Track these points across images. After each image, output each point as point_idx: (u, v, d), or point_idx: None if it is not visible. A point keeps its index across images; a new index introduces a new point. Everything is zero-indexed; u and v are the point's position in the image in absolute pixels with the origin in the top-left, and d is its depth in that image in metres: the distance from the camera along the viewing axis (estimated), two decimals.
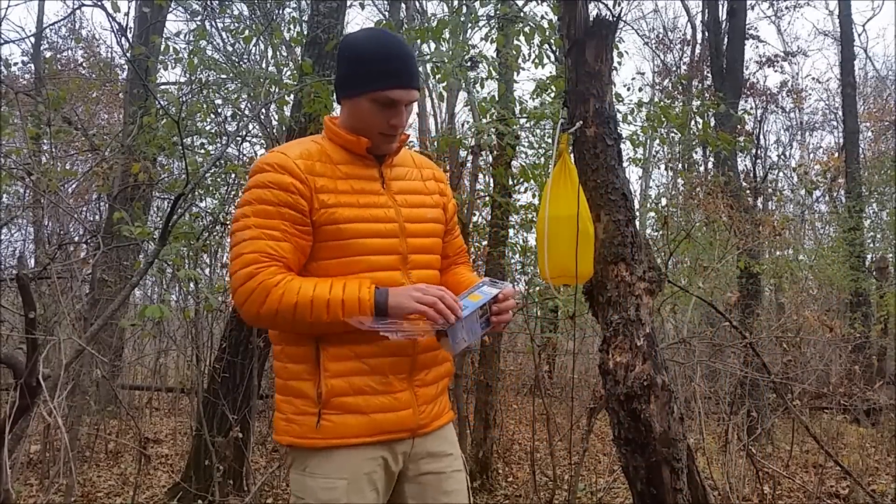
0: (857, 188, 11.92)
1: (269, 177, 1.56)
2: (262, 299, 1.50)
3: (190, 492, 4.42)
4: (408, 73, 1.59)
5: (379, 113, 1.59)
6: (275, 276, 1.51)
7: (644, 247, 2.70)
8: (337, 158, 1.63)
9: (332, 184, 1.59)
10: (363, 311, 1.46)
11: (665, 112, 5.13)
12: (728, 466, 4.47)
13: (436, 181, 1.80)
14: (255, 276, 1.51)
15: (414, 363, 1.63)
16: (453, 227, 1.86)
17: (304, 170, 1.57)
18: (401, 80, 1.57)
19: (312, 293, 1.49)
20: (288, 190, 1.54)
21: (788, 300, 9.72)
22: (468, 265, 1.92)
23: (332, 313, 1.48)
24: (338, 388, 1.56)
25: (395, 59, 1.58)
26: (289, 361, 1.61)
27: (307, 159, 1.59)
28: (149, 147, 4.77)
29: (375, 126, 1.61)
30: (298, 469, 1.62)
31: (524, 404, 9.03)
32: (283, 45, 5.76)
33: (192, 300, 5.41)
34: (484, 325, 1.61)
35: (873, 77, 19.33)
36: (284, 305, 1.49)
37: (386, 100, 1.57)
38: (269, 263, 1.52)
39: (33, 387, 2.67)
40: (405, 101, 1.59)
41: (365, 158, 1.66)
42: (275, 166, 1.57)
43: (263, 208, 1.54)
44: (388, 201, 1.65)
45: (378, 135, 1.62)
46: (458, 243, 1.89)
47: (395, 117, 1.59)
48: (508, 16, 4.98)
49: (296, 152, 1.60)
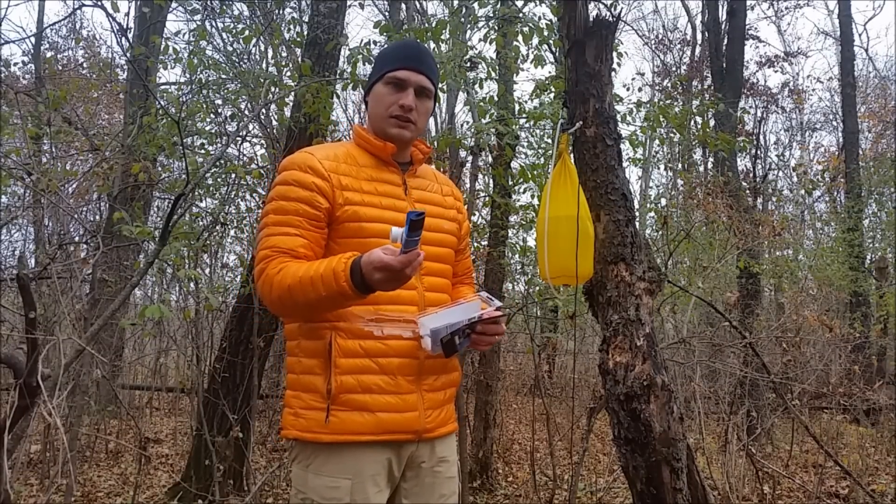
0: (856, 188, 11.93)
1: (292, 174, 1.64)
2: (269, 290, 1.58)
3: (190, 491, 4.42)
4: (416, 58, 1.72)
5: (390, 95, 1.70)
6: (278, 266, 1.57)
7: (644, 247, 2.71)
8: (363, 162, 1.72)
9: (356, 183, 1.67)
10: (339, 281, 1.47)
11: (664, 112, 5.13)
12: (728, 466, 4.47)
13: (454, 199, 1.89)
14: (264, 271, 1.59)
15: (422, 367, 1.66)
16: (465, 248, 1.93)
17: (329, 168, 1.65)
18: (409, 62, 1.71)
19: (301, 273, 1.52)
20: (308, 188, 1.62)
21: (788, 300, 9.72)
22: (472, 287, 1.97)
23: (316, 289, 1.50)
24: (347, 385, 1.59)
25: (405, 48, 1.76)
26: (303, 356, 1.65)
27: (333, 160, 1.68)
28: (149, 147, 4.77)
29: (388, 107, 1.70)
30: (302, 464, 1.63)
31: (524, 404, 9.05)
32: (283, 45, 5.76)
33: (193, 300, 5.41)
34: (464, 340, 1.63)
35: (875, 77, 19.34)
36: (283, 289, 1.54)
37: (394, 79, 1.70)
38: (276, 256, 1.59)
39: (33, 387, 2.67)
40: (412, 81, 1.70)
41: (390, 164, 1.75)
42: (299, 164, 1.65)
43: (281, 205, 1.63)
44: (408, 206, 1.70)
45: (390, 119, 1.70)
46: (467, 264, 1.95)
47: (404, 98, 1.69)
48: (507, 16, 4.98)
49: (322, 153, 1.69)
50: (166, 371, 8.71)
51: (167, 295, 6.17)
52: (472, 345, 1.67)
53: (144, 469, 5.29)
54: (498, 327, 1.66)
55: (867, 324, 10.43)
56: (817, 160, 17.49)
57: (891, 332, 10.16)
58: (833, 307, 10.47)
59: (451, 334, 1.60)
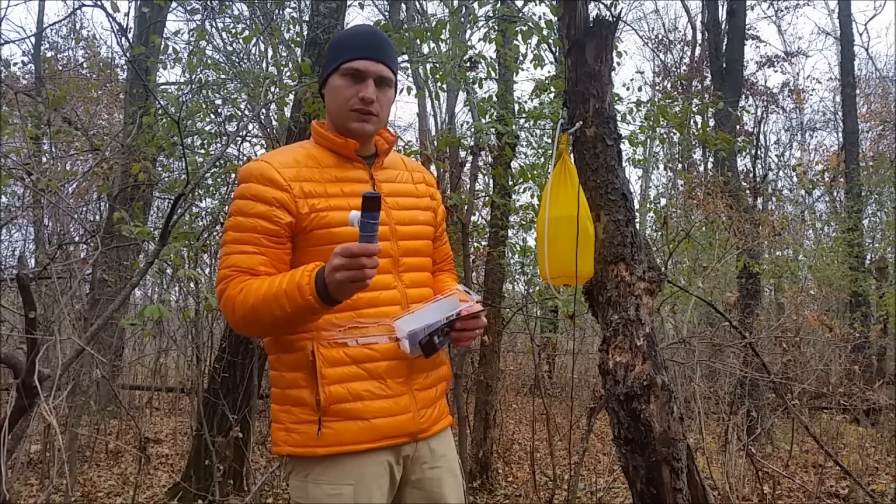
0: (856, 188, 11.93)
1: (250, 188, 1.56)
2: (231, 311, 1.51)
3: (190, 492, 4.42)
4: (373, 46, 1.62)
5: (349, 87, 1.60)
6: (238, 285, 1.51)
7: (644, 247, 2.71)
8: (325, 162, 1.62)
9: (321, 188, 1.58)
10: (304, 295, 1.42)
11: (663, 111, 5.13)
12: (728, 466, 4.47)
13: (426, 185, 1.80)
14: (224, 292, 1.53)
15: (411, 366, 1.62)
16: (442, 234, 1.85)
17: (290, 177, 1.56)
18: (365, 52, 1.61)
19: (264, 291, 1.46)
20: (267, 202, 1.53)
21: (788, 300, 9.73)
22: (452, 273, 1.91)
23: (281, 306, 1.44)
24: (337, 395, 1.54)
25: (362, 36, 1.64)
26: (284, 370, 1.60)
27: (293, 166, 1.58)
28: (149, 147, 4.77)
29: (347, 101, 1.61)
30: (300, 475, 1.58)
31: (524, 404, 9.04)
32: (283, 45, 5.75)
33: (192, 300, 5.41)
34: (444, 339, 1.59)
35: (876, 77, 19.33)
36: (246, 309, 1.49)
37: (352, 70, 1.60)
38: (236, 276, 1.53)
39: (32, 387, 2.67)
40: (371, 72, 1.60)
41: (354, 161, 1.66)
42: (256, 176, 1.56)
43: (239, 221, 1.55)
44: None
45: (350, 112, 1.61)
46: (445, 250, 1.89)
47: (363, 90, 1.59)
48: (507, 16, 4.98)
49: (280, 160, 1.59)
50: (166, 371, 8.70)
51: (167, 295, 6.17)
52: (453, 342, 1.62)
53: (144, 469, 5.29)
54: (478, 321, 1.61)
55: (867, 324, 10.43)
56: (817, 160, 17.50)
57: (891, 332, 10.16)
58: (833, 307, 10.48)
59: (430, 335, 1.55)
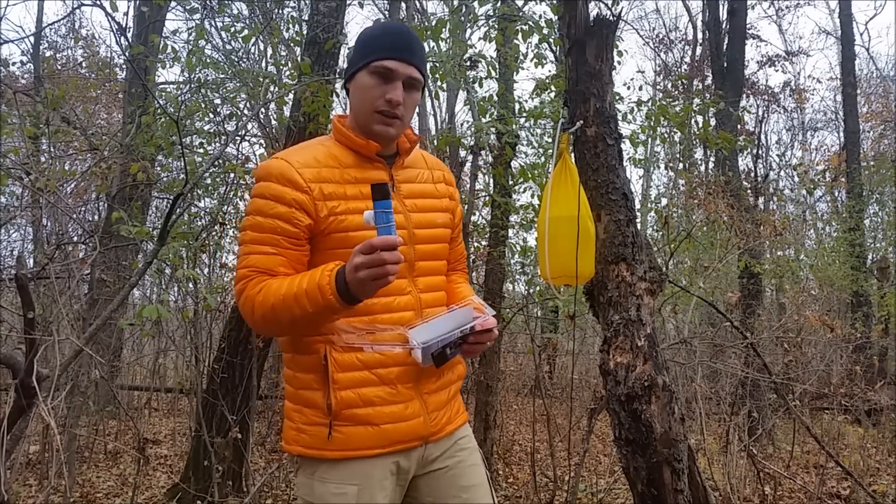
0: (857, 188, 11.91)
1: (269, 188, 1.53)
2: (251, 311, 1.51)
3: (189, 492, 4.41)
4: (406, 47, 1.57)
5: (376, 87, 1.56)
6: (258, 285, 1.51)
7: (645, 247, 2.69)
8: (345, 161, 1.59)
9: (340, 189, 1.56)
10: (325, 295, 1.41)
11: (664, 111, 5.12)
12: (729, 467, 4.46)
13: (446, 184, 1.78)
14: (243, 292, 1.52)
15: (420, 371, 1.61)
16: (458, 234, 1.84)
17: (310, 178, 1.53)
18: (397, 52, 1.56)
19: (284, 291, 1.46)
20: (287, 204, 1.51)
21: (789, 300, 9.71)
22: (464, 273, 1.90)
23: (302, 306, 1.44)
24: (348, 400, 1.54)
25: (392, 35, 1.59)
26: (298, 370, 1.60)
27: (313, 166, 1.56)
28: (147, 147, 4.76)
29: (373, 101, 1.56)
30: (307, 472, 1.60)
31: (524, 405, 9.02)
32: (283, 44, 5.75)
33: (191, 300, 5.39)
34: (455, 350, 1.59)
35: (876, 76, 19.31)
36: (266, 309, 1.48)
37: (382, 69, 1.55)
38: (255, 276, 1.52)
39: (31, 387, 2.66)
40: (401, 73, 1.56)
41: (374, 161, 1.62)
42: (276, 176, 1.53)
43: (258, 221, 1.53)
44: (397, 206, 1.60)
45: (375, 114, 1.57)
46: (460, 250, 1.88)
47: (391, 91, 1.55)
48: (507, 15, 4.96)
49: (300, 159, 1.56)
50: (165, 371, 8.69)
51: (166, 295, 6.16)
52: (462, 353, 1.62)
53: (143, 470, 5.28)
54: (490, 334, 1.60)
55: (868, 324, 10.41)
56: (819, 160, 17.49)
57: (892, 332, 10.13)
58: (834, 307, 10.46)
59: (443, 347, 1.54)
